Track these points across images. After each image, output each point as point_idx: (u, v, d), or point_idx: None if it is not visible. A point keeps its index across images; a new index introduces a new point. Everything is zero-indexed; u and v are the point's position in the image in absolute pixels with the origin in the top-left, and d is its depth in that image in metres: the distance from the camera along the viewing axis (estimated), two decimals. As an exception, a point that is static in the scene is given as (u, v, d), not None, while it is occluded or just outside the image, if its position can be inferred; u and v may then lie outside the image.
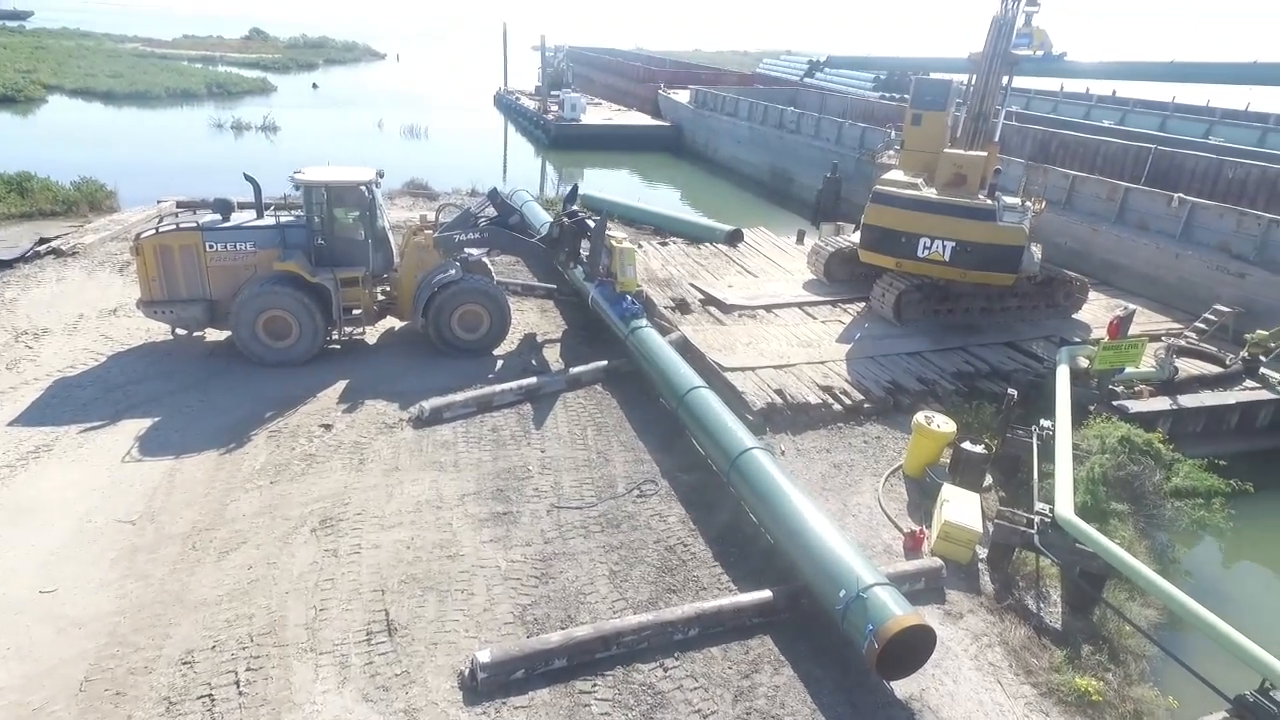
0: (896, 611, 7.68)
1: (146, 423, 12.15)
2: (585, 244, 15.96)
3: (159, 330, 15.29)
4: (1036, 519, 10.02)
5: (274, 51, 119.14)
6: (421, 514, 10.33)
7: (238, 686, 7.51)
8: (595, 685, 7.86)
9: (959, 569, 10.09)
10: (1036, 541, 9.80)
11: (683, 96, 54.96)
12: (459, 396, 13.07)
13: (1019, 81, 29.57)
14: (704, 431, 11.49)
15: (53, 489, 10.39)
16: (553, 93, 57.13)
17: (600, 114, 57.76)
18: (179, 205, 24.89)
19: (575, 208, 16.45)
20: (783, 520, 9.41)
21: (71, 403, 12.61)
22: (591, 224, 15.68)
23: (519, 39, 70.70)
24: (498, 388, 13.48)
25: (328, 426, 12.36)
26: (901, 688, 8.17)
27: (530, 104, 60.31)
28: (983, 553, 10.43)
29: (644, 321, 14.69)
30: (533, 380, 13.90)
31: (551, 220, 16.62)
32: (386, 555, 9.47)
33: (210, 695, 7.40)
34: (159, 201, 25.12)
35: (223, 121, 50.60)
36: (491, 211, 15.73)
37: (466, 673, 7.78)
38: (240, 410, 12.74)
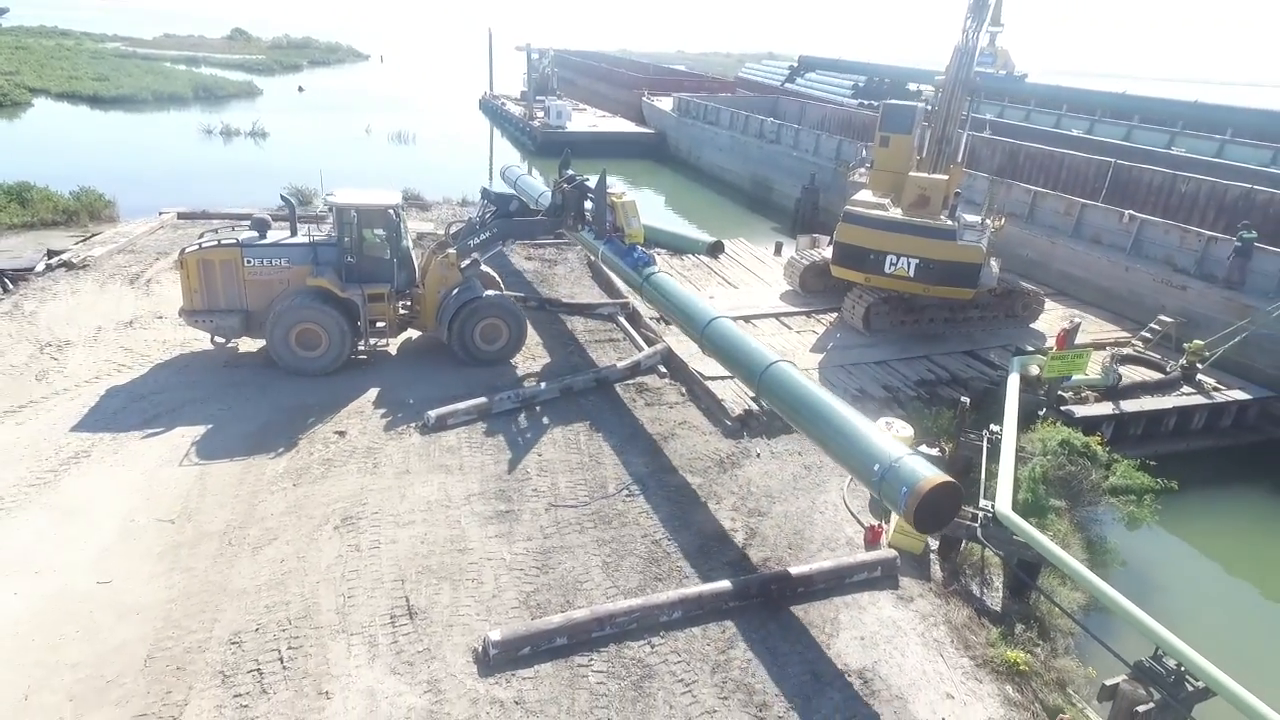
0: (926, 474, 8.84)
1: (175, 430, 13.18)
2: (588, 205, 16.48)
3: (177, 342, 16.30)
4: (980, 514, 11.32)
5: (257, 52, 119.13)
6: (432, 512, 11.46)
7: (281, 662, 8.64)
8: (592, 660, 9.06)
9: (912, 559, 11.38)
10: (979, 535, 11.10)
11: (666, 104, 56.20)
12: (461, 405, 14.18)
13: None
14: (729, 355, 12.79)
15: (95, 491, 11.42)
16: (538, 98, 58.13)
17: (585, 120, 58.87)
18: (180, 216, 25.80)
19: (571, 172, 17.15)
20: (815, 415, 10.61)
21: (102, 411, 13.61)
22: (590, 184, 16.32)
23: (503, 39, 71.57)
24: (496, 396, 14.62)
25: (341, 433, 13.44)
26: (855, 659, 9.44)
27: (516, 109, 61.27)
28: (934, 545, 11.73)
29: (656, 267, 15.73)
30: (529, 389, 15.05)
31: (551, 190, 17.53)
32: (404, 549, 10.61)
33: (259, 670, 8.52)
34: (160, 213, 25.93)
35: (212, 127, 51.20)
36: (491, 208, 16.80)
37: (480, 649, 8.95)
38: (260, 418, 13.80)
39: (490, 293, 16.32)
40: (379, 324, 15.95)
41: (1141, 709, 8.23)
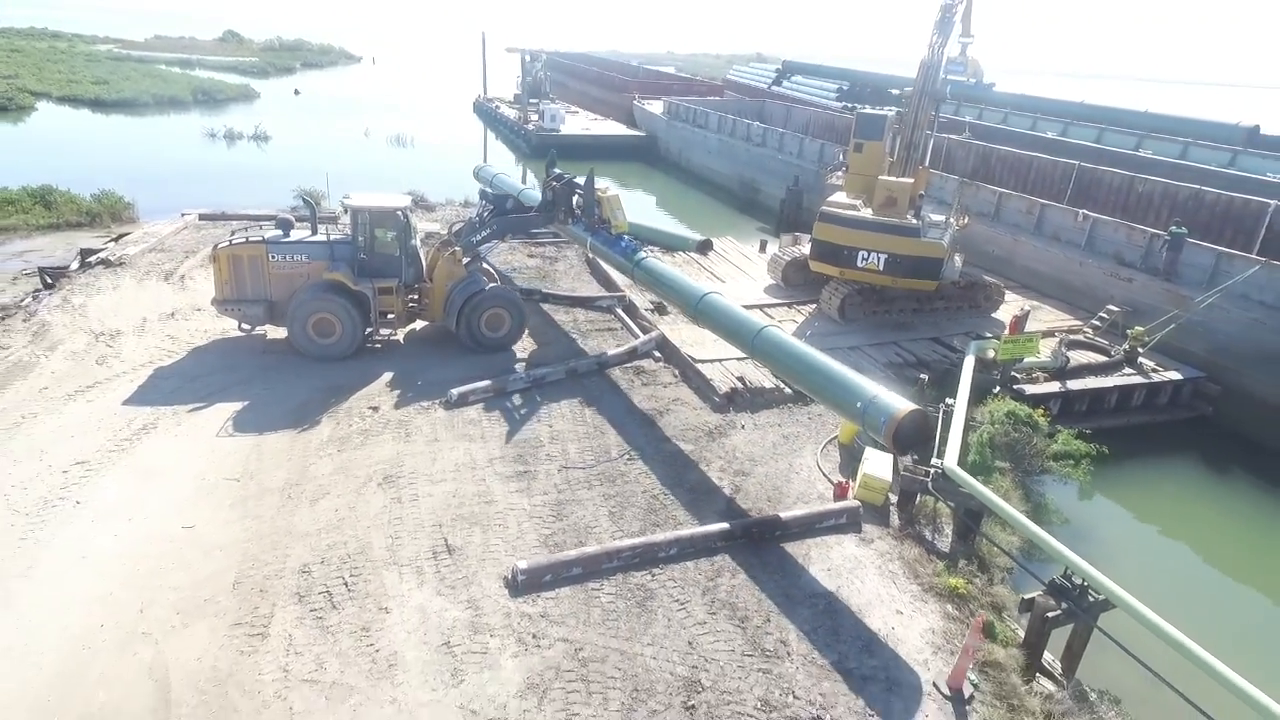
0: (900, 406, 10.83)
1: (227, 406, 14.88)
2: (576, 200, 18.12)
3: (216, 331, 17.99)
4: (932, 470, 13.19)
5: (250, 54, 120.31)
6: (461, 473, 13.23)
7: (346, 586, 10.40)
8: (603, 585, 10.86)
9: (874, 509, 13.25)
10: (931, 487, 12.98)
11: (656, 107, 58.00)
12: (480, 384, 15.93)
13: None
14: (723, 325, 14.71)
15: (166, 456, 13.12)
16: (531, 100, 59.83)
17: (578, 123, 60.63)
18: (201, 217, 27.40)
19: (558, 170, 18.89)
20: (804, 368, 12.69)
21: (160, 390, 15.30)
22: (579, 182, 18.05)
23: (494, 39, 73.26)
24: (510, 377, 16.40)
25: (375, 409, 15.19)
26: (822, 585, 11.29)
27: (510, 113, 62.97)
28: (894, 498, 13.59)
29: (645, 254, 17.44)
30: (539, 370, 16.83)
31: (541, 188, 19.32)
32: (439, 502, 12.37)
33: (328, 592, 10.28)
34: (183, 214, 27.51)
35: (215, 131, 52.63)
36: (490, 207, 18.59)
37: (510, 577, 10.73)
38: (300, 396, 15.51)
39: (493, 285, 18.08)
40: (389, 315, 17.64)
41: (1051, 615, 10.11)
